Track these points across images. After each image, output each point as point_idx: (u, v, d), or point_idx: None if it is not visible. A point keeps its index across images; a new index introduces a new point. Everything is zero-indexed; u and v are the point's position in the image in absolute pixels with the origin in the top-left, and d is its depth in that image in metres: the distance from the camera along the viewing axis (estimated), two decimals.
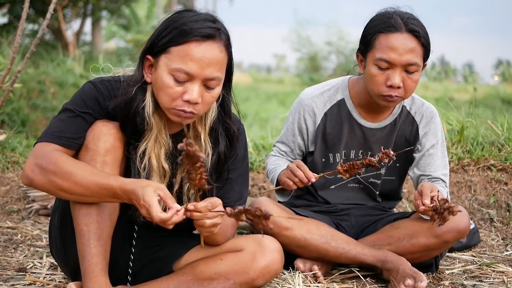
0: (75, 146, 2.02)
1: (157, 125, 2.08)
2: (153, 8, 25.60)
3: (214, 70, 1.98)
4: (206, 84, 1.99)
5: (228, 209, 1.86)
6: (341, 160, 2.62)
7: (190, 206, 1.89)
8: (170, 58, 1.97)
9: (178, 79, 1.96)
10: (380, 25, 2.57)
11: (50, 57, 11.40)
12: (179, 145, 1.75)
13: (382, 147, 2.60)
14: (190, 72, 1.95)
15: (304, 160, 2.90)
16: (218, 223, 1.95)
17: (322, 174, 2.68)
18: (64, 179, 1.92)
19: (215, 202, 1.93)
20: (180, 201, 2.18)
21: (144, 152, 2.08)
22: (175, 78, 1.96)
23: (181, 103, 1.98)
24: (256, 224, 1.81)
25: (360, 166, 2.55)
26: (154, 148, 2.09)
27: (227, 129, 2.19)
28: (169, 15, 2.05)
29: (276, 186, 2.80)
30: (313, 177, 2.60)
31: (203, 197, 1.95)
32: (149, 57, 2.03)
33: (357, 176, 2.60)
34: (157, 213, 1.81)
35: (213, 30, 1.98)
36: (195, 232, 2.27)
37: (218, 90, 2.04)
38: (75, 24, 17.37)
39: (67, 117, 2.05)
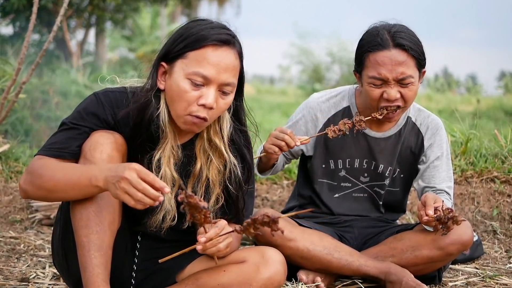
0: (67, 155, 2.04)
1: (170, 133, 2.11)
2: (156, 19, 25.67)
3: (230, 76, 2.04)
4: (221, 90, 2.04)
5: (237, 227, 1.88)
6: (331, 125, 2.63)
7: (202, 239, 1.92)
8: (187, 63, 2.01)
9: (195, 82, 2.00)
10: (368, 44, 2.59)
11: (54, 67, 11.43)
12: (179, 197, 1.78)
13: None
14: (207, 75, 1.99)
15: (304, 165, 2.91)
16: (230, 241, 2.01)
17: (308, 138, 2.67)
18: (48, 180, 1.95)
19: (221, 224, 1.97)
20: None
21: (159, 161, 2.10)
22: (192, 82, 2.00)
23: (196, 108, 2.01)
24: (266, 231, 1.82)
25: (350, 124, 2.59)
26: (167, 157, 2.11)
27: (246, 138, 2.24)
28: (184, 24, 2.10)
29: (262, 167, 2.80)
30: (298, 141, 2.60)
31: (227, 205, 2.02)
32: (164, 64, 2.06)
33: (347, 175, 2.60)
34: (150, 176, 1.81)
35: (229, 37, 2.05)
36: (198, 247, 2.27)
37: (231, 98, 2.08)
38: (79, 34, 17.44)
39: (60, 131, 2.08)
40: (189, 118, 2.02)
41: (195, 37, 2.02)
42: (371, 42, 2.57)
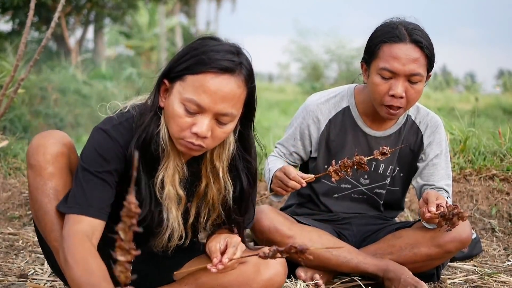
0: (104, 216, 1.93)
1: (173, 151, 2.00)
2: (154, 16, 25.66)
3: (228, 106, 1.88)
4: (218, 119, 1.89)
5: (262, 252, 1.85)
6: (333, 162, 2.61)
7: (220, 266, 1.95)
8: (184, 87, 1.87)
9: (189, 110, 1.86)
10: (384, 35, 2.56)
11: (52, 64, 11.43)
12: None
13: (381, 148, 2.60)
14: (201, 104, 1.85)
15: (306, 165, 2.90)
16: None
17: (313, 176, 2.66)
18: (69, 268, 1.81)
19: (236, 242, 1.99)
20: (195, 231, 2.18)
21: (162, 181, 2.00)
22: (186, 108, 1.87)
23: (189, 134, 1.89)
24: (294, 258, 1.79)
25: (350, 164, 2.54)
26: (170, 175, 2.01)
27: (248, 167, 2.12)
28: (193, 41, 1.96)
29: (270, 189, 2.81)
30: (304, 182, 2.60)
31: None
32: (166, 81, 1.95)
33: (347, 177, 2.59)
34: None
35: (233, 64, 1.88)
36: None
37: (231, 126, 1.94)
38: (78, 31, 17.45)
39: (89, 182, 1.94)
40: (183, 142, 1.92)
41: (197, 59, 1.87)
42: (388, 33, 2.56)
